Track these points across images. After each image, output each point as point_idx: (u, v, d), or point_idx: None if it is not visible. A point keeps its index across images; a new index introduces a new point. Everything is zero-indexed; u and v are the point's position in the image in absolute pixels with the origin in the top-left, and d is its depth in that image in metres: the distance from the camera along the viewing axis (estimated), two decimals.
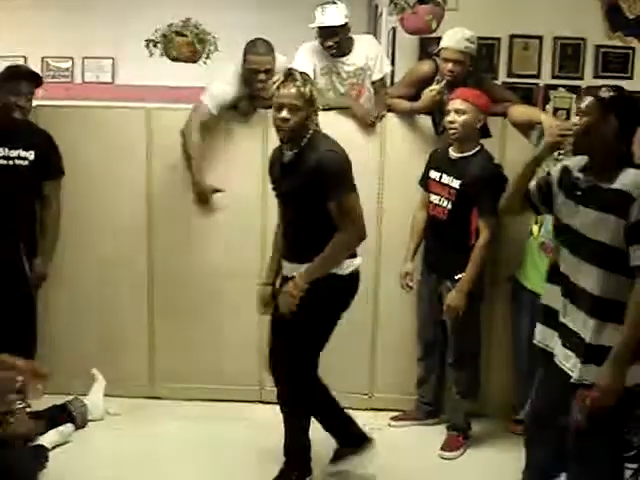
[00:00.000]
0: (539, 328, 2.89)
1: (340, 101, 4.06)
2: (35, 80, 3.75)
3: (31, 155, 3.75)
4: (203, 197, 4.08)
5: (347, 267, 3.17)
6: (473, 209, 3.61)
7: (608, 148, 2.60)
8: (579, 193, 2.67)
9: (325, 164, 3.02)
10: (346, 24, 3.96)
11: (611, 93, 2.61)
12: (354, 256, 3.21)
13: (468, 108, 3.56)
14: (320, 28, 3.97)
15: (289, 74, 3.06)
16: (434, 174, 3.74)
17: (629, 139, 2.64)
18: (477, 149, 3.65)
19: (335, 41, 3.97)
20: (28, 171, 3.76)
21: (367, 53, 4.07)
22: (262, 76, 3.85)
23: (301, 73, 3.12)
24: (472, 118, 3.58)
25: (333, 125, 3.78)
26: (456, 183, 3.62)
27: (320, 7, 3.93)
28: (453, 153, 3.68)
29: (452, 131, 3.62)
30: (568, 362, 2.69)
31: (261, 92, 3.87)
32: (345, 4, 3.95)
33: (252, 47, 3.87)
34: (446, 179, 3.67)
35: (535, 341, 2.91)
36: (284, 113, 3.01)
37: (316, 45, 4.06)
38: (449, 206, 3.65)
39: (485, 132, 3.74)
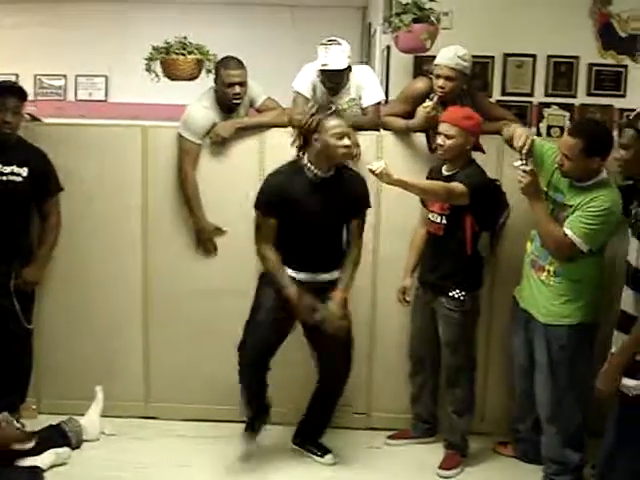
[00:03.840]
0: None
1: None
2: (20, 95, 3.75)
3: (24, 172, 3.76)
4: (203, 237, 4.07)
5: None
6: (466, 219, 3.61)
7: None
8: None
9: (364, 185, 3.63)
10: (348, 66, 3.98)
11: None
12: None
13: (457, 133, 3.56)
14: (322, 70, 3.97)
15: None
16: None
17: None
18: (467, 163, 3.66)
19: (336, 82, 4.01)
20: (22, 187, 3.77)
21: (359, 83, 4.08)
22: (237, 89, 3.90)
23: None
24: (460, 142, 3.57)
25: None
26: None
27: (324, 46, 3.91)
28: (445, 171, 3.70)
29: (440, 152, 3.65)
30: None
31: (237, 105, 3.97)
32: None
33: (226, 63, 3.93)
34: None
35: None
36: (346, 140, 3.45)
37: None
38: (444, 221, 3.65)
39: (478, 148, 3.74)
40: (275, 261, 3.53)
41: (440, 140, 3.61)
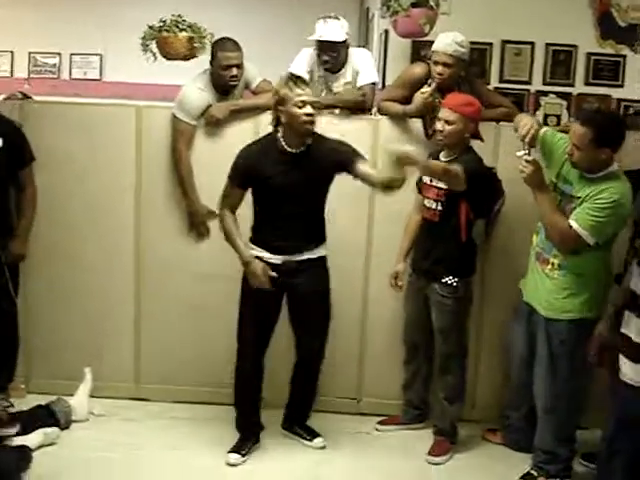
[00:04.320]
0: None
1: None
2: None
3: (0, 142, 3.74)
4: (196, 220, 4.06)
5: None
6: (461, 205, 3.60)
7: None
8: None
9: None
10: (345, 41, 4.01)
11: None
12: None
13: (457, 118, 3.55)
14: (319, 41, 3.99)
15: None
16: (425, 177, 3.73)
17: None
18: (464, 150, 3.65)
19: (332, 56, 4.02)
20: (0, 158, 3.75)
21: (356, 66, 4.10)
22: (234, 71, 3.89)
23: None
24: (460, 128, 3.56)
25: (326, 129, 3.80)
26: (442, 183, 3.62)
27: (322, 20, 3.96)
28: (442, 158, 3.68)
29: (439, 138, 3.63)
30: None
31: (233, 87, 3.97)
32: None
33: (222, 45, 3.91)
34: (434, 181, 3.66)
35: None
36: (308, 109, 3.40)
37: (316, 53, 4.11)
38: (439, 207, 3.64)
39: (476, 136, 3.72)
40: (233, 226, 3.55)
41: (440, 126, 3.59)
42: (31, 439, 3.57)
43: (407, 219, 3.89)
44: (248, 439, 3.75)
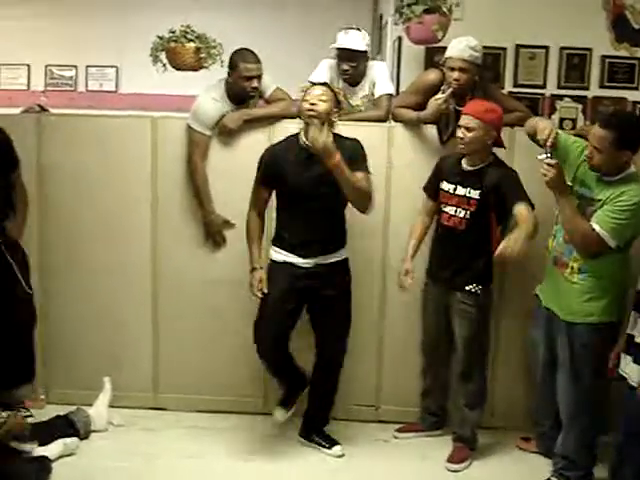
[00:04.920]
0: None
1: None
2: None
3: None
4: (212, 229, 4.07)
5: None
6: (491, 215, 3.57)
7: None
8: None
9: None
10: (365, 52, 4.07)
11: None
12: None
13: (478, 125, 3.51)
14: (340, 49, 4.04)
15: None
16: (447, 186, 3.69)
17: None
18: (490, 160, 3.61)
19: (352, 66, 4.06)
20: None
21: (373, 78, 4.15)
22: (255, 82, 3.92)
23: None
24: (481, 135, 3.52)
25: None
26: (475, 193, 3.58)
27: (344, 30, 4.05)
28: (466, 165, 3.65)
29: (461, 146, 3.60)
30: None
31: (252, 97, 4.02)
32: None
33: (244, 56, 3.92)
34: (462, 191, 3.62)
35: None
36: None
37: (336, 64, 4.16)
38: (467, 215, 3.60)
39: (498, 143, 3.69)
40: (253, 229, 3.68)
41: (460, 133, 3.56)
42: (51, 449, 3.59)
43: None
44: (292, 391, 3.80)
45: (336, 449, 3.83)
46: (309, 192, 3.51)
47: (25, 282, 3.76)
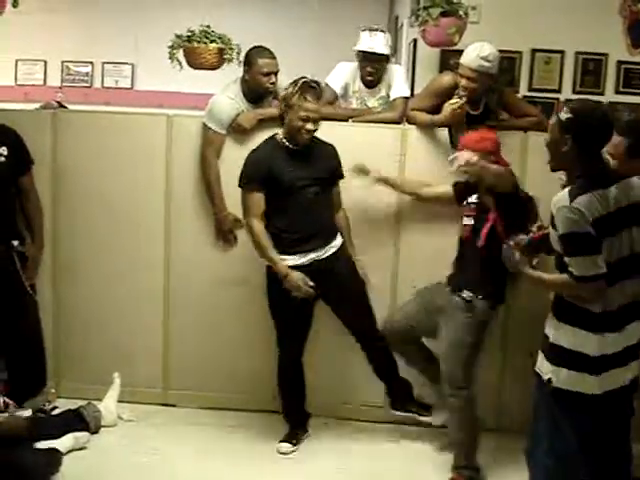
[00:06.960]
0: None
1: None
2: None
3: (5, 151, 3.77)
4: (224, 227, 4.07)
5: None
6: (487, 221, 3.52)
7: None
8: None
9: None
10: (389, 55, 4.12)
11: None
12: None
13: (478, 156, 3.50)
14: (364, 52, 4.05)
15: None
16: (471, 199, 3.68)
17: None
18: None
19: (376, 68, 4.09)
20: (4, 166, 3.77)
21: (389, 80, 4.17)
22: (273, 78, 3.94)
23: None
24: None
25: (354, 138, 3.82)
26: (473, 198, 3.61)
27: (368, 31, 4.04)
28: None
29: (466, 178, 3.63)
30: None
31: (270, 93, 4.01)
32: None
33: (261, 52, 3.94)
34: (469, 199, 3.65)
35: None
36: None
37: (354, 67, 4.17)
38: (471, 222, 3.59)
39: (501, 164, 3.65)
40: (262, 237, 3.60)
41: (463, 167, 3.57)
42: (62, 443, 3.61)
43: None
44: (298, 428, 3.90)
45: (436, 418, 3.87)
46: (304, 187, 3.58)
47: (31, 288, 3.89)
